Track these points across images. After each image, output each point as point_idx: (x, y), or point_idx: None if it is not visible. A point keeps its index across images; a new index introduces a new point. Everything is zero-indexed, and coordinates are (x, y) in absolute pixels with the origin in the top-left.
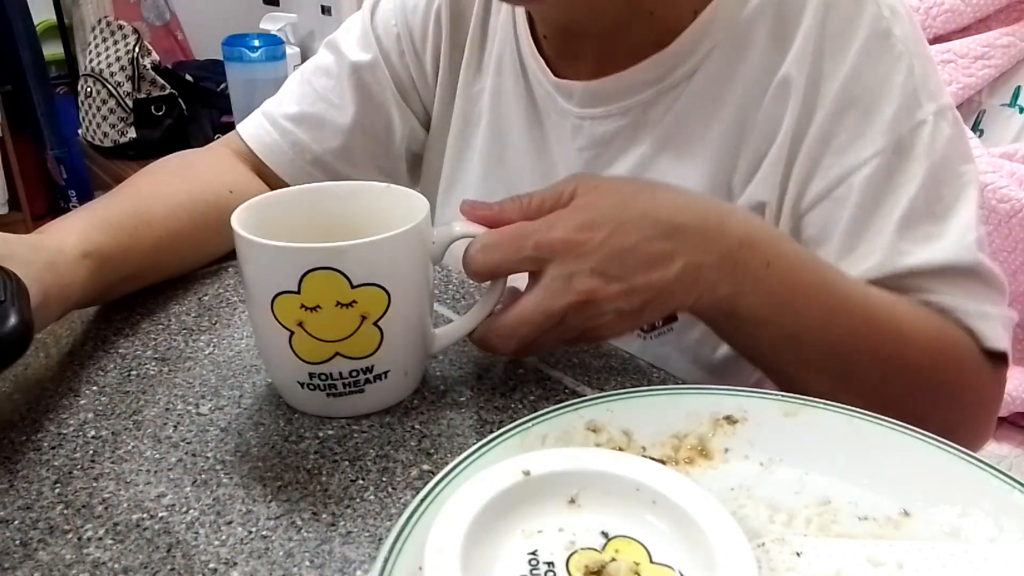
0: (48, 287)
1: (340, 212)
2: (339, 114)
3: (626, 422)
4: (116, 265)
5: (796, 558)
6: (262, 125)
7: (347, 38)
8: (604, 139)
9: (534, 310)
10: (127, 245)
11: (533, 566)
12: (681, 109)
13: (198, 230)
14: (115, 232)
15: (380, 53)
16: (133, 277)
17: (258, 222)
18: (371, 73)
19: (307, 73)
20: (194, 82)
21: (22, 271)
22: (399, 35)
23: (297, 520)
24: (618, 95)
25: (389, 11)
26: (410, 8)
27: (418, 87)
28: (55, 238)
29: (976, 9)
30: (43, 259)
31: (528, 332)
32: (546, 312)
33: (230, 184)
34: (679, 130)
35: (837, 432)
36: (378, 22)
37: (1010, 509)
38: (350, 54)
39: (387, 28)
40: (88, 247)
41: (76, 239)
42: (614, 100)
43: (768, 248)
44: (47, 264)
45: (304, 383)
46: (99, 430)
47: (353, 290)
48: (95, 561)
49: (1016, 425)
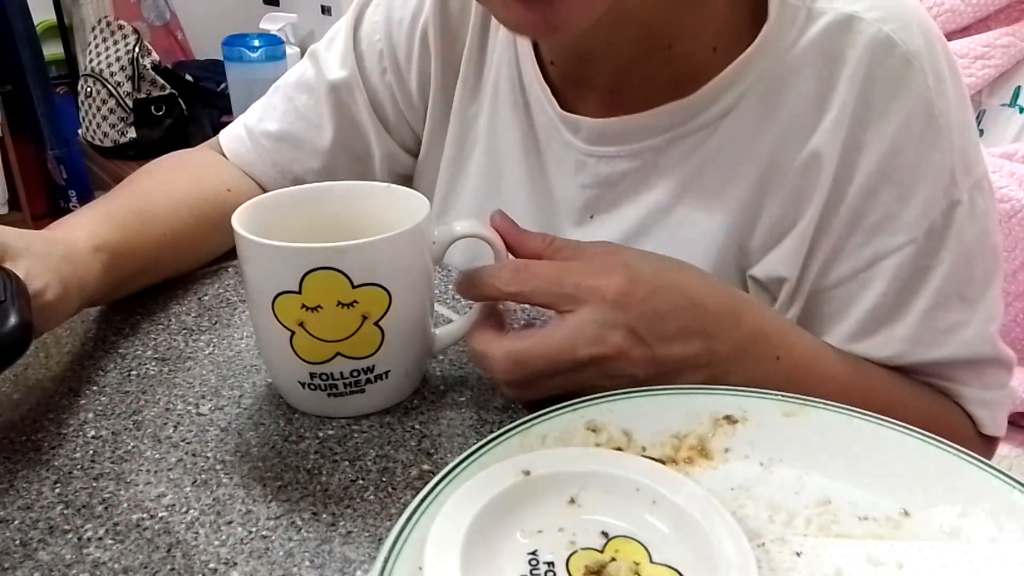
0: (67, 279)
1: (340, 212)
2: (318, 135)
3: (626, 422)
4: (125, 260)
5: (796, 558)
6: (243, 141)
7: (328, 53)
8: (611, 179)
9: (560, 348)
10: (134, 241)
11: (533, 566)
12: (701, 159)
13: (199, 227)
14: (122, 228)
15: (360, 71)
16: (139, 274)
17: (258, 222)
18: (348, 93)
19: (290, 86)
20: (194, 82)
21: (40, 264)
22: (382, 52)
23: (297, 520)
24: (629, 136)
25: (374, 24)
26: (395, 23)
27: (402, 108)
28: (67, 233)
29: (976, 9)
30: (59, 252)
31: (541, 368)
32: (571, 355)
33: (228, 183)
34: (698, 181)
35: (837, 432)
36: (362, 36)
37: (1010, 509)
38: (329, 72)
39: (371, 43)
40: (99, 242)
41: (86, 234)
42: (624, 141)
43: (779, 342)
44: (64, 257)
45: (305, 383)
46: (99, 430)
47: (354, 290)
48: (95, 561)
49: (1016, 425)
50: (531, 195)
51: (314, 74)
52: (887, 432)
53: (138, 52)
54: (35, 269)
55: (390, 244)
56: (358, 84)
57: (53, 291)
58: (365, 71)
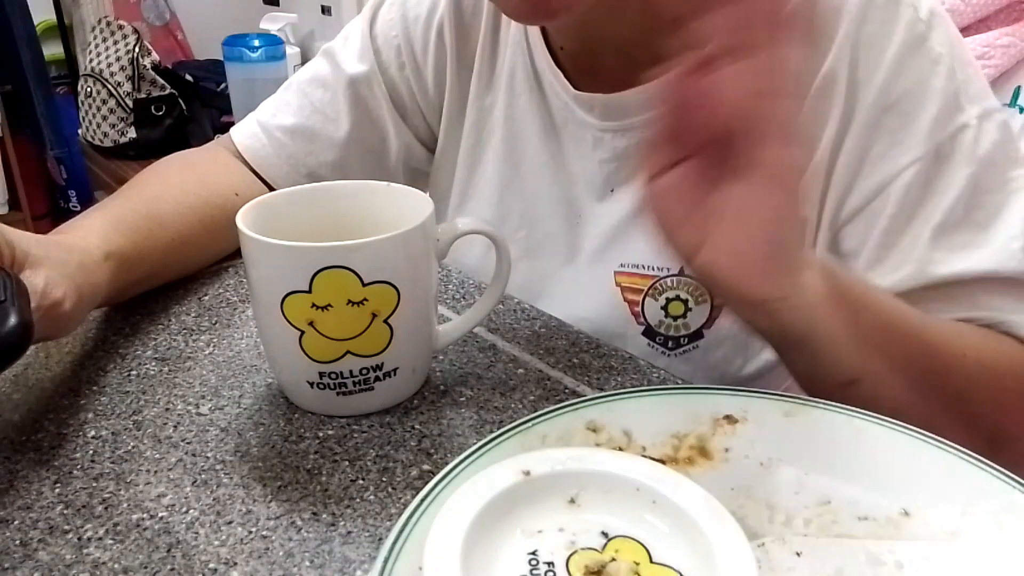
0: (82, 287)
1: (341, 211)
2: (334, 128)
3: (626, 422)
4: (133, 266)
5: (796, 558)
6: (257, 136)
7: (345, 49)
8: (628, 152)
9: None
10: (143, 246)
11: (533, 566)
12: None
13: (207, 232)
14: (132, 234)
15: (378, 65)
16: (146, 278)
17: (262, 222)
18: (367, 87)
19: (303, 83)
20: (194, 82)
21: (58, 271)
22: (399, 47)
23: (297, 520)
24: (641, 107)
25: (390, 21)
26: (411, 19)
27: (419, 102)
28: (80, 239)
29: (976, 9)
30: (76, 260)
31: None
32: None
33: (235, 187)
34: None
35: (837, 432)
36: (378, 32)
37: (1010, 509)
38: (347, 67)
39: (387, 39)
40: (109, 248)
41: (98, 240)
42: (637, 113)
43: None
44: (79, 265)
45: (314, 382)
46: (99, 430)
47: (364, 288)
48: (95, 561)
49: None
50: (553, 176)
51: (330, 70)
52: (887, 432)
53: (138, 52)
54: (54, 278)
55: (399, 242)
56: (377, 78)
57: (71, 300)
58: (383, 65)
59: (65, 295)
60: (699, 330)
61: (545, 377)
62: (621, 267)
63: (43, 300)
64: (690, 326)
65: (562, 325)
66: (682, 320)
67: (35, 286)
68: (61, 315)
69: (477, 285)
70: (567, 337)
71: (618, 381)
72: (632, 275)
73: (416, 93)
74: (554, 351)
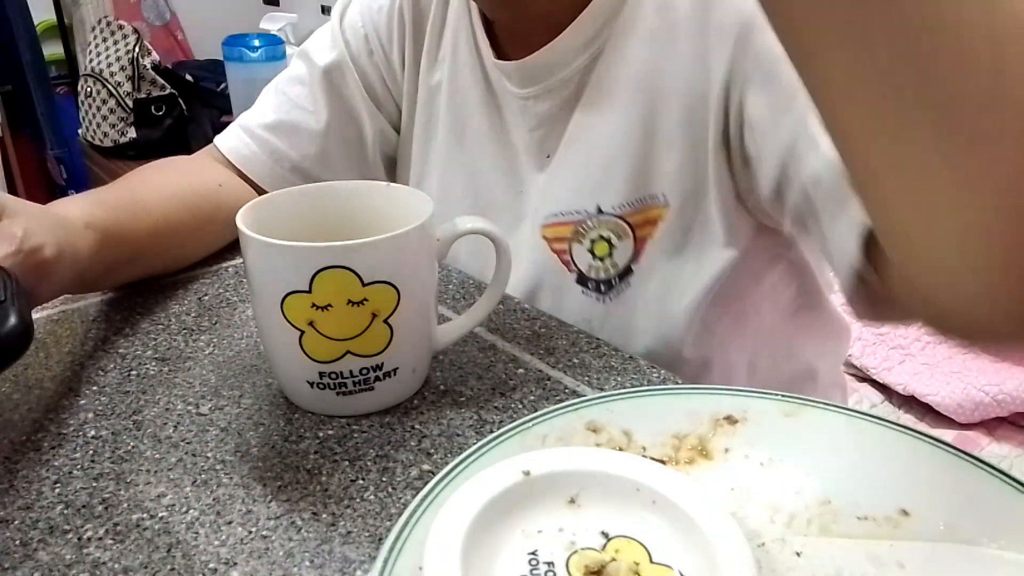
0: (61, 241)
1: (341, 211)
2: (313, 119)
3: (626, 422)
4: (116, 242)
5: (796, 558)
6: (239, 137)
7: (316, 45)
8: (549, 118)
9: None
10: (126, 224)
11: (533, 566)
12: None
13: (192, 219)
14: (114, 212)
15: (349, 55)
16: (133, 259)
17: (262, 222)
18: (341, 76)
19: (281, 84)
20: (194, 82)
21: (36, 223)
22: (366, 36)
23: (297, 520)
24: (549, 70)
25: (356, 13)
26: (375, 9)
27: (389, 88)
28: (60, 210)
29: None
30: (54, 219)
31: None
32: None
33: (218, 179)
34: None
35: (837, 432)
36: (346, 25)
37: (1010, 509)
38: (319, 60)
39: (355, 30)
40: (90, 219)
41: (78, 212)
42: (542, 79)
43: None
44: (59, 223)
45: (314, 382)
46: (99, 430)
47: (364, 288)
48: (95, 561)
49: (1016, 425)
50: (496, 147)
51: (306, 67)
52: (887, 432)
53: (138, 52)
54: (32, 227)
55: (399, 242)
56: (349, 67)
57: (51, 249)
58: (354, 55)
59: (44, 243)
60: (628, 266)
61: (545, 377)
62: (545, 219)
63: (23, 244)
64: (618, 264)
65: (562, 325)
66: (609, 260)
67: (13, 233)
68: (44, 262)
69: (477, 285)
70: (567, 337)
71: (618, 381)
72: (555, 224)
73: (386, 79)
74: (554, 351)
